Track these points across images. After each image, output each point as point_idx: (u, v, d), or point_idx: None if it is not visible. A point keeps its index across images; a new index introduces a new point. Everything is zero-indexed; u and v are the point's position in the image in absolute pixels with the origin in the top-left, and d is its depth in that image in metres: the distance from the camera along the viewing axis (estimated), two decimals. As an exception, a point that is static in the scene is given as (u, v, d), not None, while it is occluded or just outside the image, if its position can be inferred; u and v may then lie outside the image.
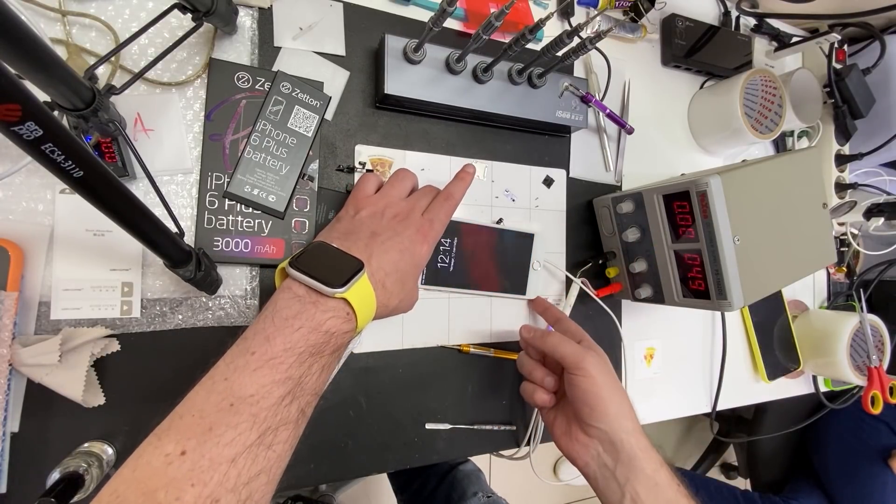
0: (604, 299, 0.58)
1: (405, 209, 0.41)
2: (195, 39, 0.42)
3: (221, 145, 0.43)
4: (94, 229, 0.40)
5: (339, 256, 0.35)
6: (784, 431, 0.94)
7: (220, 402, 0.28)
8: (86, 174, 0.23)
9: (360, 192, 0.43)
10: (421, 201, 0.43)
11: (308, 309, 0.32)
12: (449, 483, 0.79)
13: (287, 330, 0.31)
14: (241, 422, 0.27)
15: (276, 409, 0.29)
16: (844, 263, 0.83)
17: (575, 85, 0.55)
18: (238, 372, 0.29)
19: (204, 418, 0.27)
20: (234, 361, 0.30)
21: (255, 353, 0.30)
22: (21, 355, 0.36)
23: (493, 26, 0.41)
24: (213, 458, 0.26)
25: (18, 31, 0.22)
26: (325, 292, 0.32)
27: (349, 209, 0.42)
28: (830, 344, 0.74)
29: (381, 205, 0.41)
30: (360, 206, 0.42)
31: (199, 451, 0.26)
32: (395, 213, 0.41)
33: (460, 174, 0.46)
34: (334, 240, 0.38)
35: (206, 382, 0.29)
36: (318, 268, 0.33)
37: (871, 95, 0.76)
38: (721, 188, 0.46)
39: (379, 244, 0.38)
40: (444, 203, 0.43)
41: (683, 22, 0.68)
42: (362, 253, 0.36)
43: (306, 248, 0.36)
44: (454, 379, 0.53)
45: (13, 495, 0.38)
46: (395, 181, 0.44)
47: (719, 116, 0.66)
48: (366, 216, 0.41)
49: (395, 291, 0.38)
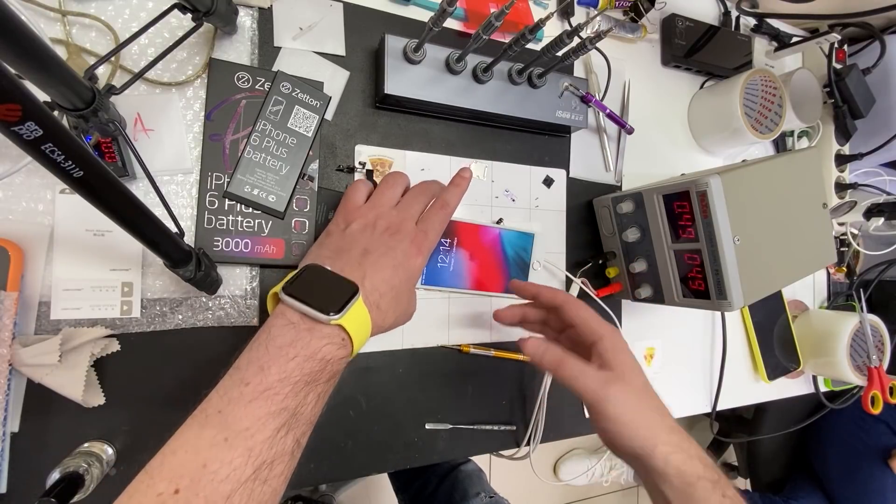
0: (604, 299, 0.58)
1: (397, 220, 0.40)
2: (195, 39, 0.42)
3: (221, 145, 0.43)
4: (94, 229, 0.40)
5: (333, 280, 0.34)
6: (784, 431, 0.94)
7: (214, 436, 0.27)
8: (86, 174, 0.23)
9: (349, 202, 0.42)
10: (413, 208, 0.41)
11: (303, 336, 0.31)
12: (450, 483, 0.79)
13: (282, 359, 0.30)
14: (235, 457, 0.27)
15: (271, 441, 0.28)
16: (844, 263, 0.83)
17: (575, 85, 0.55)
18: (232, 404, 0.28)
19: (198, 454, 0.27)
20: (227, 393, 0.29)
21: (249, 383, 0.29)
22: (21, 355, 0.36)
23: (493, 26, 0.41)
24: (208, 497, 0.25)
25: (18, 31, 0.22)
26: (321, 319, 0.32)
27: (339, 222, 0.41)
28: (830, 344, 0.74)
29: (372, 216, 0.40)
30: (350, 219, 0.40)
31: (194, 489, 0.25)
32: (387, 225, 0.39)
33: (455, 179, 0.44)
34: (326, 259, 0.37)
35: (199, 415, 0.29)
36: (312, 294, 0.32)
37: (871, 95, 0.76)
38: (721, 188, 0.46)
39: (371, 263, 0.37)
40: (440, 212, 0.42)
41: (683, 22, 0.68)
42: (355, 273, 0.36)
43: (300, 272, 0.35)
44: (454, 379, 0.53)
45: (13, 495, 0.38)
46: (384, 188, 0.42)
47: (719, 116, 0.66)
48: (357, 230, 0.39)
49: (389, 311, 0.37)
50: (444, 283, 0.52)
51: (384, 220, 0.40)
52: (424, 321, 0.52)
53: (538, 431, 0.56)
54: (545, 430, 0.55)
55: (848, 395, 0.83)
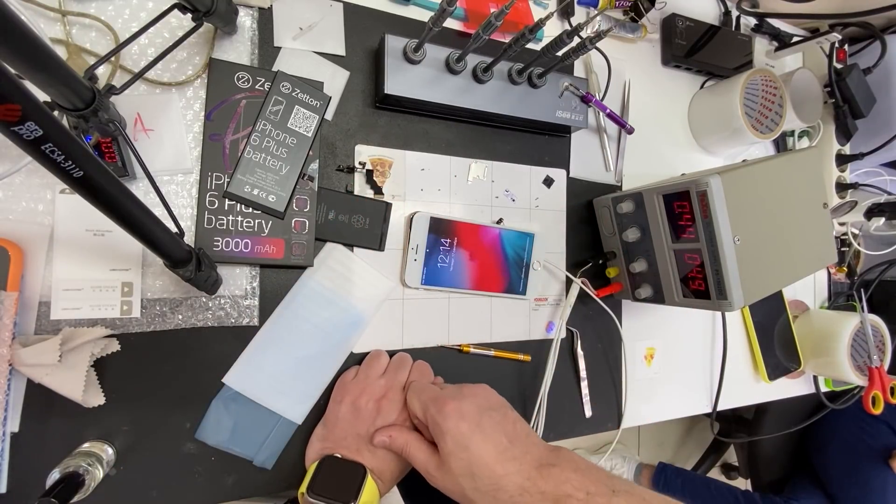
0: (604, 299, 0.58)
1: (381, 391, 0.45)
2: (195, 39, 0.42)
3: (221, 145, 0.43)
4: (94, 229, 0.40)
5: (344, 466, 0.41)
6: (785, 432, 0.94)
7: None
8: (86, 174, 0.23)
9: (340, 381, 0.47)
10: (398, 376, 0.46)
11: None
12: None
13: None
14: None
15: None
16: (845, 263, 0.83)
17: (575, 85, 0.55)
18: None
19: None
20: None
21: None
22: (21, 355, 0.36)
23: (493, 26, 0.41)
24: None
25: (18, 31, 0.22)
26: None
27: (336, 396, 0.46)
28: (831, 344, 0.74)
29: (357, 392, 0.45)
30: (338, 398, 0.45)
31: None
32: (377, 397, 0.44)
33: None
34: (331, 443, 0.43)
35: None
36: (331, 487, 0.39)
37: (871, 95, 0.76)
38: (721, 188, 0.46)
39: (366, 444, 0.42)
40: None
41: (684, 22, 0.68)
42: (358, 455, 0.42)
43: (317, 468, 0.41)
44: (454, 379, 0.53)
45: (13, 495, 0.38)
46: (364, 366, 0.47)
47: (719, 116, 0.66)
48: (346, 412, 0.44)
49: (390, 480, 0.43)
50: (444, 283, 0.52)
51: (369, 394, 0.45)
52: (424, 321, 0.52)
53: (538, 431, 0.55)
54: (545, 430, 0.55)
55: (849, 395, 0.83)
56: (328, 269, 0.48)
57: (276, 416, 0.45)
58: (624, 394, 0.62)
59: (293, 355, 0.46)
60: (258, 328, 0.45)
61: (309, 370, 0.46)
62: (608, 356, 0.62)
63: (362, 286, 0.49)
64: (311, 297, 0.47)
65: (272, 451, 0.45)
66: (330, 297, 0.47)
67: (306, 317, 0.46)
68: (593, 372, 0.60)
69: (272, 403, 0.45)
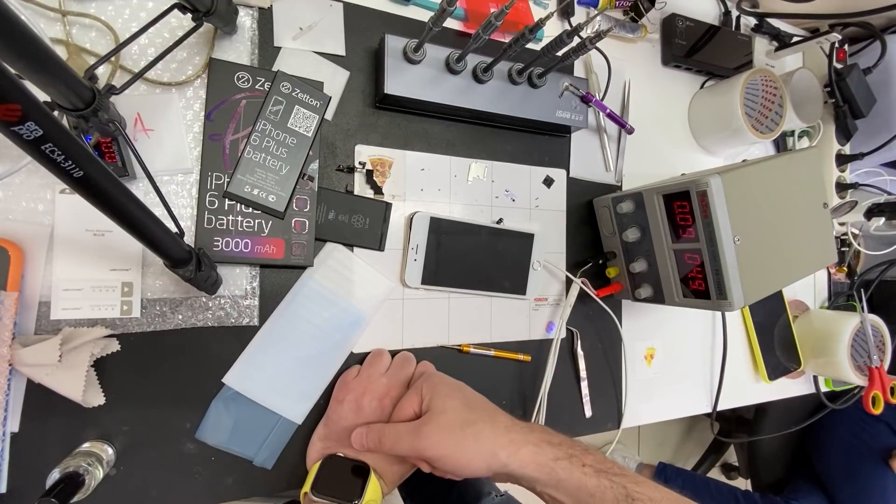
0: (604, 299, 0.58)
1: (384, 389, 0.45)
2: (195, 39, 0.42)
3: (221, 145, 0.43)
4: (94, 229, 0.40)
5: (347, 465, 0.42)
6: (785, 432, 0.94)
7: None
8: (86, 174, 0.23)
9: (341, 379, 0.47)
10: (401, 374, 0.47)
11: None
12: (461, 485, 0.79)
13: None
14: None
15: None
16: (845, 263, 0.83)
17: (575, 85, 0.55)
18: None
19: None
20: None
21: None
22: (21, 355, 0.36)
23: (493, 26, 0.41)
24: None
25: (18, 31, 0.22)
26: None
27: (338, 395, 0.46)
28: (831, 344, 0.74)
29: (360, 390, 0.45)
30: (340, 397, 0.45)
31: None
32: (380, 396, 0.45)
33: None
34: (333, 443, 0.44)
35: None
36: (335, 486, 0.40)
37: (871, 95, 0.76)
38: (721, 188, 0.46)
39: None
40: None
41: (683, 22, 0.68)
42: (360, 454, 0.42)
43: (320, 468, 0.41)
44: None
45: (13, 495, 0.38)
46: (366, 365, 0.47)
47: (719, 116, 0.66)
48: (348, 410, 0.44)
49: (392, 481, 0.43)
50: (444, 283, 0.52)
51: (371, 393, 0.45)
52: (424, 321, 0.52)
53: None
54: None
55: (849, 395, 0.83)
56: (328, 269, 0.48)
57: (276, 416, 0.45)
58: (624, 394, 0.62)
59: (293, 355, 0.46)
60: (258, 328, 0.45)
61: (309, 370, 0.46)
62: (608, 356, 0.62)
63: (362, 286, 0.49)
64: (311, 297, 0.47)
65: (272, 451, 0.45)
66: (330, 297, 0.47)
67: (306, 317, 0.46)
68: (593, 372, 0.60)
69: (272, 403, 0.45)
